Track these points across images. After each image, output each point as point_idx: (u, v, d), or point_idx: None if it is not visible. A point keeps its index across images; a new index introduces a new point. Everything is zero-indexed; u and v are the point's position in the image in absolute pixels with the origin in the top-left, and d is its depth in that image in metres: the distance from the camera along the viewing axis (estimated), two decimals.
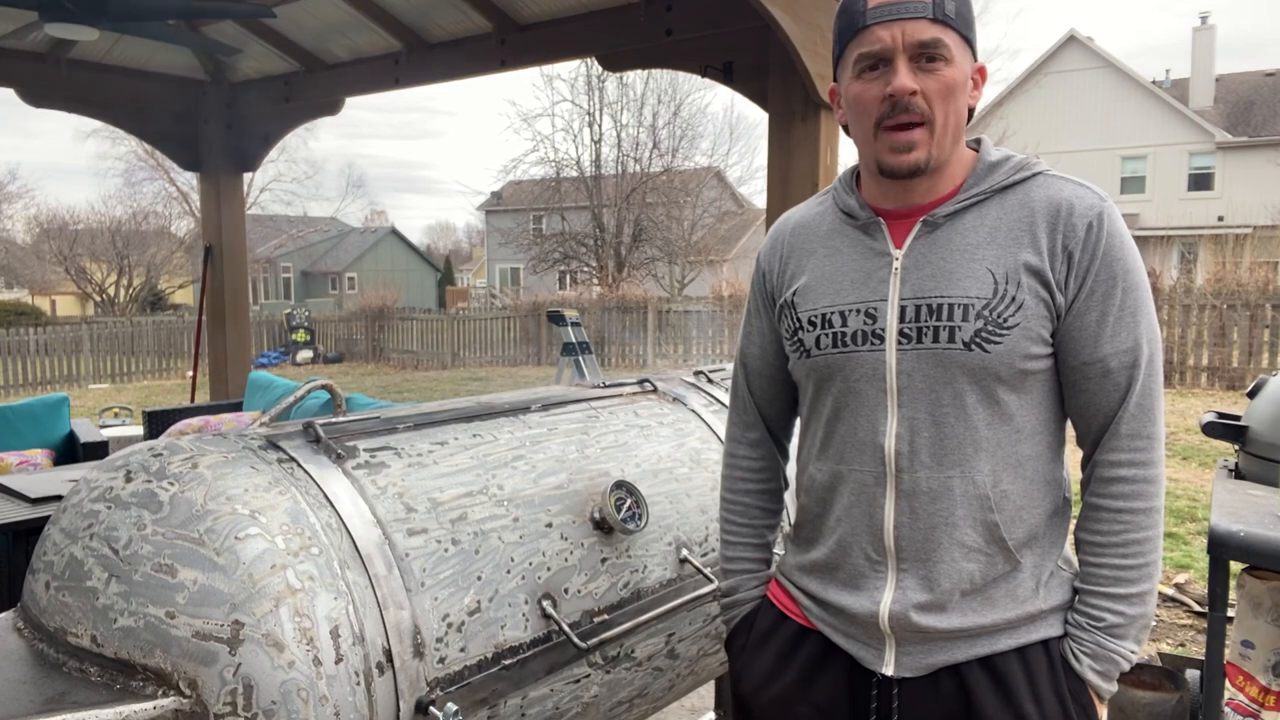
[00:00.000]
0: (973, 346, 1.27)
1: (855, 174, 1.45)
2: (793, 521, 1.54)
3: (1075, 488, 1.37)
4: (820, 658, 1.43)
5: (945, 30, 1.26)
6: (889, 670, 1.35)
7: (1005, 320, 1.26)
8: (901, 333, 1.31)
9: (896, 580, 1.34)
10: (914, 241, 1.34)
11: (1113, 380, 1.28)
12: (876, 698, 1.36)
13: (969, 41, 1.30)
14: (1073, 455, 1.38)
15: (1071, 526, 1.38)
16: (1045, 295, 1.27)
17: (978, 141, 1.40)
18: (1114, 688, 1.32)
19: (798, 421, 1.56)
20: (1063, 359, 1.30)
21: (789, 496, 1.64)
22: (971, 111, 1.37)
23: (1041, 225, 1.28)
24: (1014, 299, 1.27)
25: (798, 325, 1.42)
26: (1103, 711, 1.34)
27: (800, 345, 1.42)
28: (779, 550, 1.63)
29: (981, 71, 1.35)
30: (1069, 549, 1.40)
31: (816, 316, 1.39)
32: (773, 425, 1.61)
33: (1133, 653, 1.30)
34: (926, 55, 1.26)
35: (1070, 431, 1.38)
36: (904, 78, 1.25)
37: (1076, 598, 1.34)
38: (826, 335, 1.38)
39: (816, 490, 1.43)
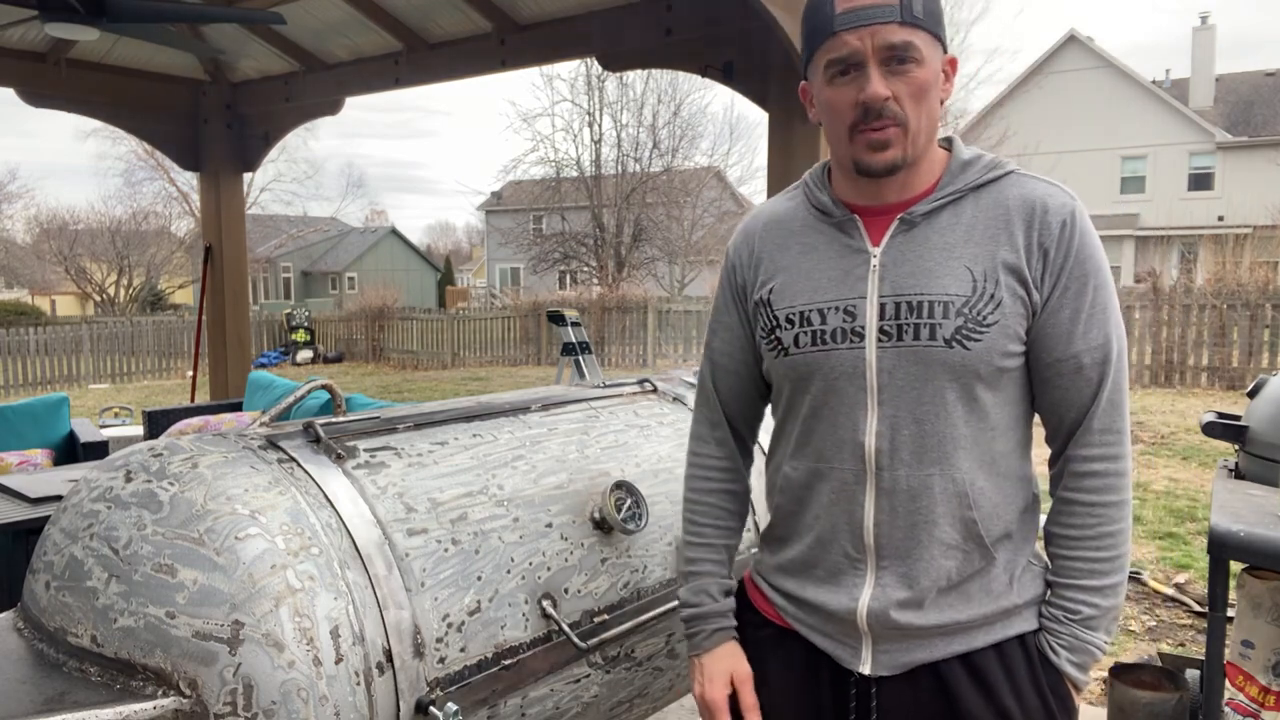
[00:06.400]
0: (953, 344, 1.27)
1: (827, 170, 1.45)
2: (766, 522, 1.52)
3: (1042, 484, 1.39)
4: (798, 658, 1.43)
5: (915, 31, 1.25)
6: (866, 669, 1.35)
7: (984, 318, 1.27)
8: (882, 330, 1.31)
9: (876, 578, 1.34)
10: (891, 239, 1.34)
11: (1085, 376, 1.30)
12: (855, 697, 1.37)
13: (938, 37, 1.29)
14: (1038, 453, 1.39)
15: (1040, 522, 1.40)
16: (1022, 292, 1.28)
17: (949, 141, 1.40)
18: (1089, 679, 1.34)
19: (764, 421, 1.55)
20: (1036, 355, 1.32)
21: (756, 498, 1.61)
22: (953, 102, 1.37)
23: (1018, 223, 1.30)
24: (993, 297, 1.28)
25: (775, 323, 1.41)
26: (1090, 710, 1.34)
27: (778, 344, 1.41)
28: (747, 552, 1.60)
29: (952, 63, 1.34)
30: (1039, 544, 1.41)
31: (794, 314, 1.39)
32: (737, 423, 1.57)
33: (1106, 644, 1.33)
34: (897, 58, 1.25)
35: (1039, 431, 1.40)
36: (877, 85, 1.25)
37: (1050, 591, 1.36)
38: (805, 333, 1.37)
39: (792, 488, 1.42)
